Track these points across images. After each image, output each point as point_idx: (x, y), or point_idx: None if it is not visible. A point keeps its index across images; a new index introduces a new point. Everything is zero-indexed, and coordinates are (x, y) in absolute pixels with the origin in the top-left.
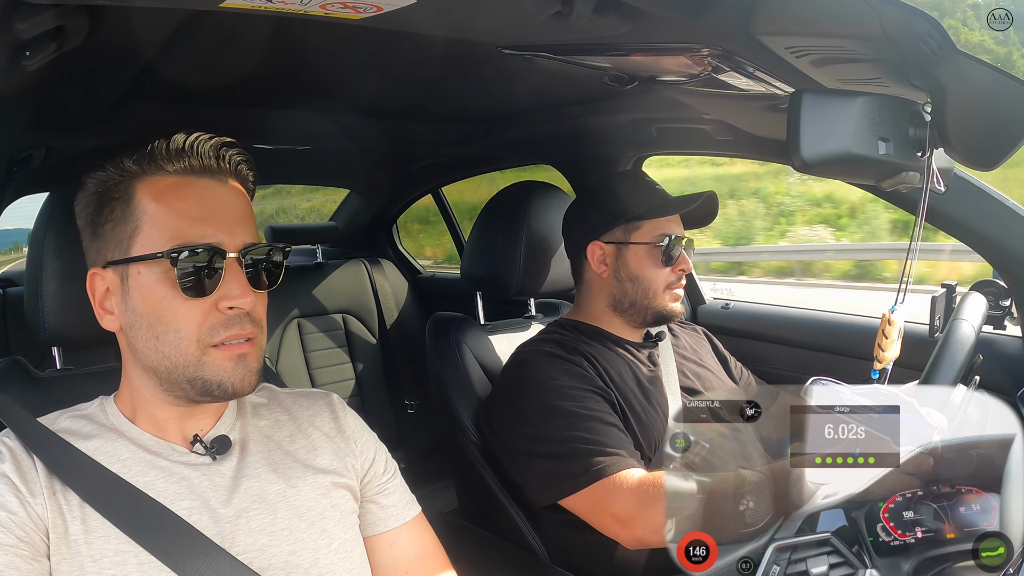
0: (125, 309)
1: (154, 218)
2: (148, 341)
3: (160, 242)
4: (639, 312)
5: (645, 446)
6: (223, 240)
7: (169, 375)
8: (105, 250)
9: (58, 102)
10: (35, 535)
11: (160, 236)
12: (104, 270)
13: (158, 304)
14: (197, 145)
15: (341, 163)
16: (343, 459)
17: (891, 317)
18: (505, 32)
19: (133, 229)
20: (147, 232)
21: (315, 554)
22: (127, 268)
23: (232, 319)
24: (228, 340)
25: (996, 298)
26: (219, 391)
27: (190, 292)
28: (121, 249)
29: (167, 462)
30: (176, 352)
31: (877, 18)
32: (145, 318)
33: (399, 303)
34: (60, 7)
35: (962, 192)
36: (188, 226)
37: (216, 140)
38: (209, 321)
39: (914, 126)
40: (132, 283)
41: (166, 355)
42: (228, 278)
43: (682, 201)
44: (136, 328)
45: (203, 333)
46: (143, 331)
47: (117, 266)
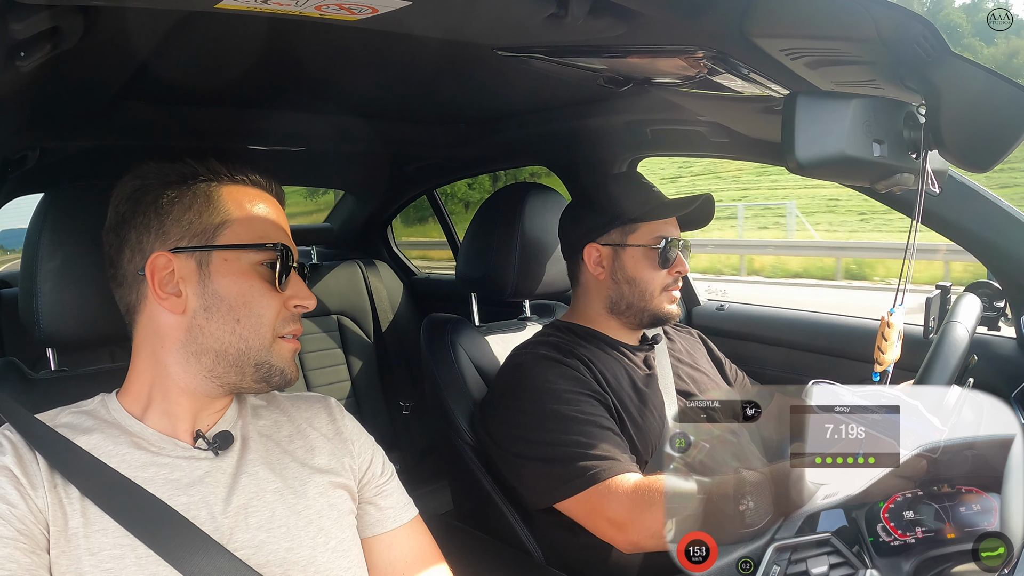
0: (202, 291)
1: (243, 216)
2: (226, 323)
3: (249, 238)
4: (636, 314)
5: (641, 449)
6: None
7: (239, 356)
8: (181, 235)
9: (53, 103)
10: (35, 528)
11: (248, 233)
12: (174, 254)
13: (247, 290)
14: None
15: (336, 164)
16: (341, 460)
17: (890, 319)
18: (500, 34)
19: (223, 222)
20: (236, 228)
21: (312, 552)
22: (209, 255)
23: (295, 316)
24: (291, 333)
25: (990, 299)
26: (279, 378)
27: (275, 283)
28: (206, 236)
29: (168, 458)
30: (254, 335)
31: (872, 21)
32: (227, 302)
33: (394, 304)
34: (55, 8)
35: (956, 194)
36: (271, 230)
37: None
38: (282, 315)
39: (908, 128)
40: (216, 268)
41: (243, 337)
42: (295, 280)
43: (679, 203)
44: (213, 310)
45: (278, 324)
46: (222, 314)
47: (194, 252)
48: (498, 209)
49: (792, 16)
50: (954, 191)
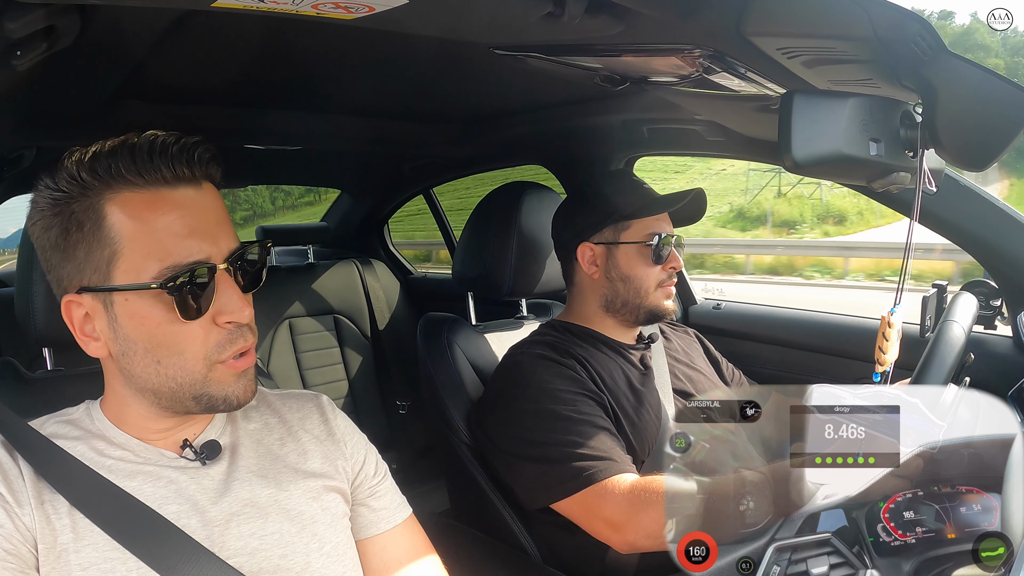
0: (114, 336)
1: (134, 240)
2: (148, 366)
3: (146, 266)
4: (631, 311)
5: (638, 449)
6: (211, 253)
7: (173, 395)
8: (80, 275)
9: (49, 102)
10: (23, 547)
11: (146, 260)
12: (80, 296)
13: (156, 330)
14: (167, 151)
15: (332, 163)
16: (333, 462)
17: (890, 319)
18: (497, 32)
19: (112, 254)
20: (129, 256)
21: (306, 558)
22: (110, 295)
23: (234, 332)
24: (234, 355)
25: (987, 298)
26: (224, 404)
27: (187, 315)
28: (100, 275)
29: (154, 467)
30: (182, 373)
31: (868, 19)
32: (141, 344)
33: (390, 304)
34: (51, 6)
35: (953, 193)
36: (174, 244)
37: (184, 141)
38: (213, 338)
39: (905, 127)
40: (120, 310)
41: (170, 377)
42: (222, 291)
43: (670, 199)
44: (131, 354)
45: (210, 351)
46: (139, 357)
47: (97, 292)
48: (495, 208)
49: (789, 15)
50: (951, 190)
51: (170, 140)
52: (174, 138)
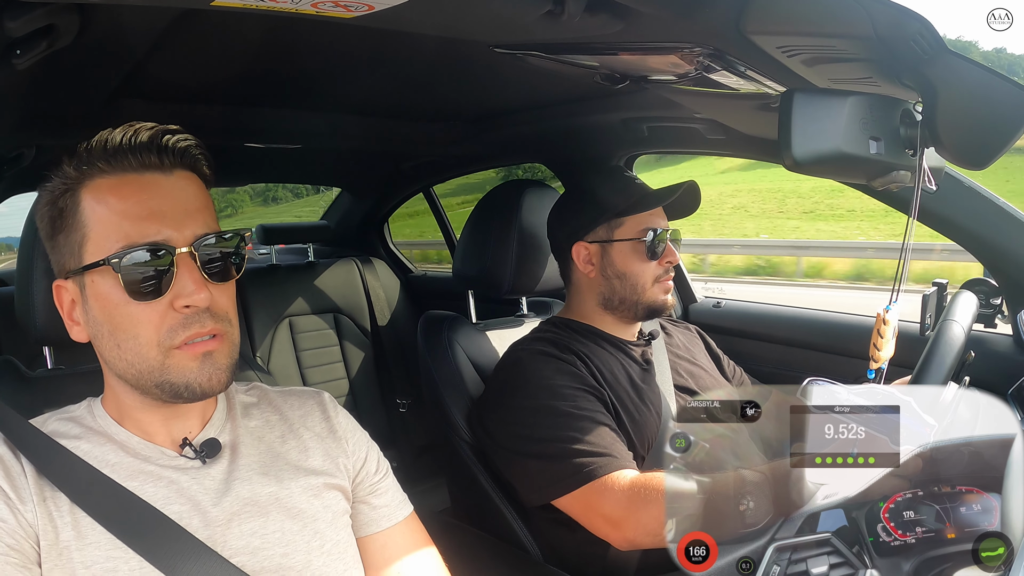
0: (87, 319)
1: (99, 223)
2: (112, 350)
3: (106, 247)
4: (629, 308)
5: (639, 445)
6: (171, 236)
7: (137, 381)
8: (63, 261)
9: (49, 101)
10: (25, 543)
11: (106, 241)
12: (65, 281)
13: (114, 311)
14: (133, 139)
15: (332, 162)
16: (335, 459)
17: (886, 316)
18: (497, 31)
19: (82, 237)
20: (94, 239)
21: (308, 556)
22: (83, 278)
23: (191, 318)
24: (189, 340)
25: (987, 296)
26: (188, 392)
27: (141, 296)
28: (74, 259)
29: (155, 466)
30: (138, 358)
31: (868, 18)
32: (105, 326)
33: (391, 302)
34: (51, 5)
35: (953, 191)
36: (132, 226)
37: (156, 130)
38: (167, 323)
39: (905, 125)
40: (89, 292)
41: (130, 362)
42: (181, 275)
43: (662, 193)
44: (100, 338)
45: (162, 336)
46: (106, 340)
47: (74, 276)
48: (495, 206)
49: (789, 13)
50: (951, 188)
51: (144, 130)
52: (147, 128)
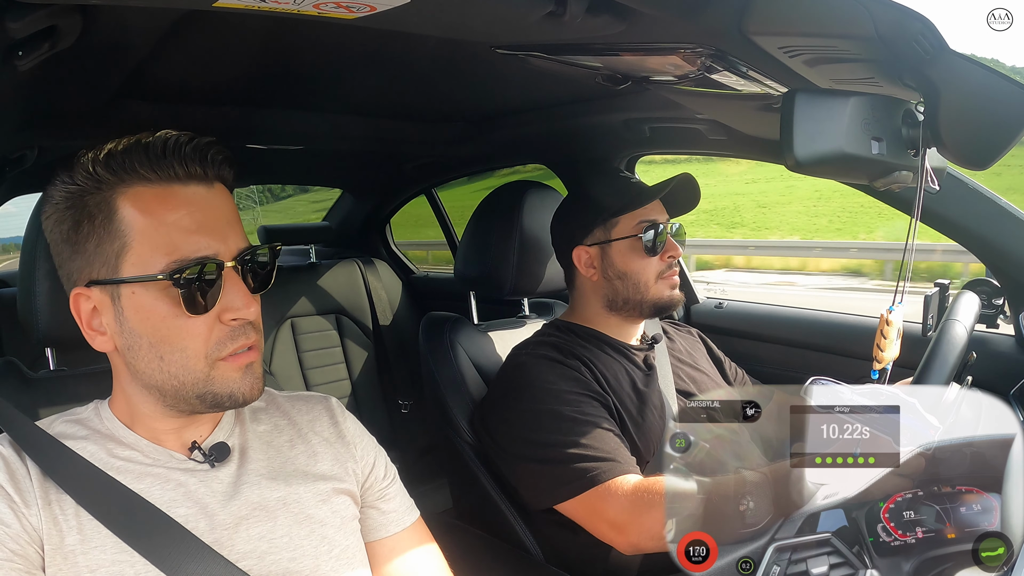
0: (120, 330)
1: (144, 233)
2: (151, 361)
3: (153, 259)
4: (635, 307)
5: (642, 450)
6: (219, 250)
7: (176, 392)
8: (89, 268)
9: (51, 102)
10: (29, 547)
11: (153, 253)
12: (89, 289)
13: (160, 324)
14: (180, 149)
15: (334, 163)
16: (344, 464)
17: (889, 317)
18: (498, 32)
19: (121, 247)
20: (137, 249)
21: (316, 561)
22: (118, 288)
23: (237, 330)
24: (235, 351)
25: (989, 297)
26: (230, 402)
27: (193, 309)
28: (109, 268)
29: (163, 469)
30: (184, 371)
31: (870, 18)
32: (146, 338)
33: (392, 303)
34: (53, 6)
35: (955, 191)
36: (182, 239)
37: (198, 140)
38: (215, 335)
39: (907, 126)
40: (126, 303)
41: (173, 374)
42: (228, 288)
43: (654, 189)
44: (136, 349)
45: (211, 348)
46: (144, 351)
47: (105, 285)
48: (497, 207)
49: (790, 14)
50: (952, 188)
51: (184, 139)
52: (187, 137)
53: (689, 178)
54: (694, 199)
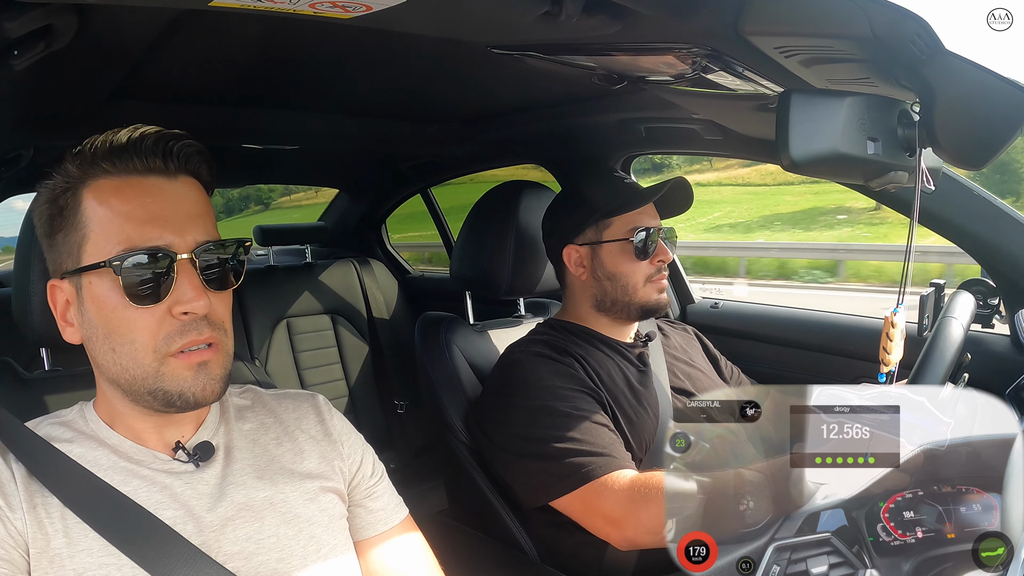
0: (83, 320)
1: (100, 224)
2: (106, 353)
3: (107, 249)
4: (622, 309)
5: (636, 447)
6: (172, 241)
7: (130, 387)
8: (60, 260)
9: (46, 101)
10: (14, 552)
11: (107, 243)
12: (61, 281)
13: (110, 314)
14: (139, 142)
15: (330, 163)
16: (330, 462)
17: (894, 319)
18: (494, 32)
19: (81, 237)
20: (94, 240)
21: (304, 560)
22: (80, 279)
23: (188, 325)
24: (186, 347)
25: (984, 297)
26: (180, 401)
27: (140, 300)
28: (72, 259)
29: (148, 471)
30: (133, 364)
31: (866, 18)
32: (100, 329)
33: (388, 303)
34: (48, 6)
35: (950, 191)
36: (134, 229)
37: (162, 134)
38: (164, 329)
39: (903, 126)
40: (85, 294)
41: (124, 367)
42: (180, 281)
43: (648, 192)
44: (94, 340)
45: (159, 342)
46: (100, 343)
47: (71, 277)
48: (492, 207)
49: (786, 14)
50: (947, 188)
51: (149, 133)
52: (154, 131)
53: (683, 182)
54: (687, 202)
